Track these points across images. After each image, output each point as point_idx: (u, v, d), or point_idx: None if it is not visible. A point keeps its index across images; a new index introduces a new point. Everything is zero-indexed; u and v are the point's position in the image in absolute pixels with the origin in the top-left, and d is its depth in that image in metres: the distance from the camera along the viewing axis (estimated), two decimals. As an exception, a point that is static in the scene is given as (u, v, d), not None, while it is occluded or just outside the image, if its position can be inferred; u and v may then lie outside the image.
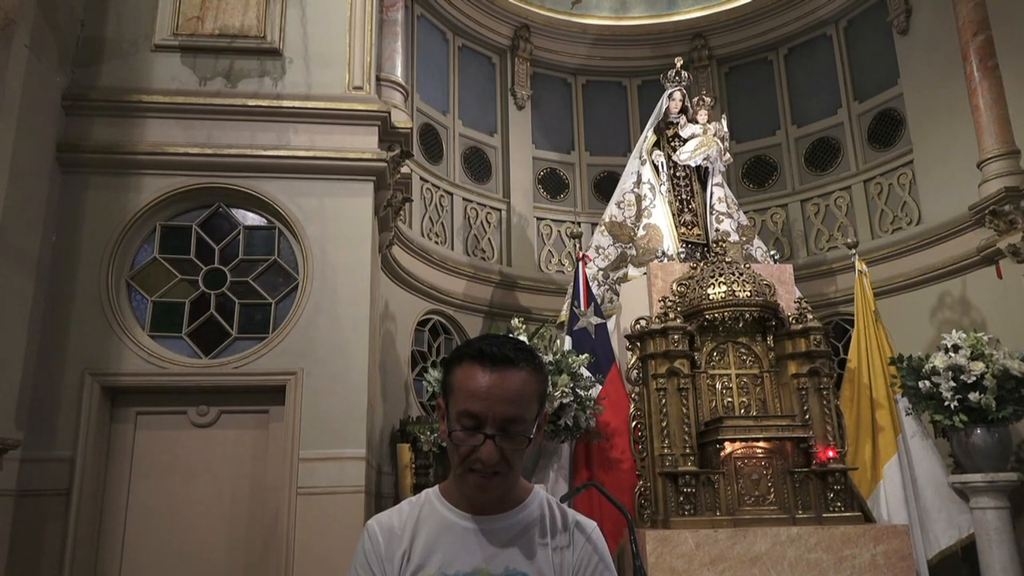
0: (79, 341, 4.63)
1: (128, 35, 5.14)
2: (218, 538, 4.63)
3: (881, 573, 4.87)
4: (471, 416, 1.39)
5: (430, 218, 7.76)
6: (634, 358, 5.71)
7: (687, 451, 5.29)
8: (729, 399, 5.54)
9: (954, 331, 5.72)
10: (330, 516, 4.49)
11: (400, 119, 5.55)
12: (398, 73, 6.17)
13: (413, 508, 1.53)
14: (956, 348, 5.53)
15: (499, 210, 8.51)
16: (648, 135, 7.06)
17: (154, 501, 4.63)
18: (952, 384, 5.40)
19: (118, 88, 5.01)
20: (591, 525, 1.55)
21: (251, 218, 5.08)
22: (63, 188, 4.83)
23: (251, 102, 5.09)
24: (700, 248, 6.59)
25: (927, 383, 5.52)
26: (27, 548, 4.29)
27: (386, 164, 5.24)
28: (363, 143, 5.19)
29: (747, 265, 5.93)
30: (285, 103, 5.12)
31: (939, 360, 5.51)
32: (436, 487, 1.57)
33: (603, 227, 6.97)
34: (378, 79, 5.74)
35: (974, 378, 5.35)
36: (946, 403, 5.42)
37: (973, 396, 5.33)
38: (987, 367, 5.36)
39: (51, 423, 4.48)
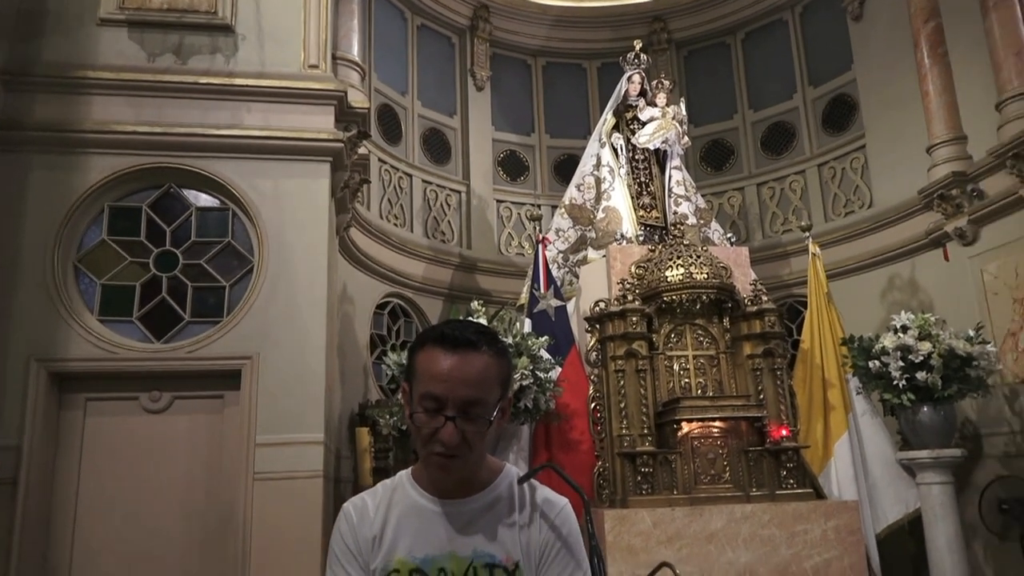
0: (24, 326, 4.49)
1: (72, 8, 4.95)
2: (173, 525, 4.55)
3: (831, 547, 5.01)
4: (432, 398, 1.40)
5: (389, 200, 7.67)
6: (593, 340, 5.75)
7: (645, 432, 5.35)
8: (686, 380, 5.62)
9: (903, 312, 5.87)
10: (288, 501, 4.45)
11: (357, 99, 5.46)
12: (355, 52, 6.06)
13: (386, 491, 1.54)
14: (904, 329, 5.67)
15: (459, 192, 8.45)
16: (607, 118, 7.07)
17: (106, 489, 4.53)
18: (900, 364, 5.54)
19: (62, 64, 4.83)
20: (561, 502, 1.56)
21: (203, 199, 4.96)
22: (4, 168, 4.64)
23: (202, 80, 4.95)
24: (658, 231, 6.64)
25: (877, 363, 5.66)
26: (-29, 539, 4.17)
27: (343, 145, 5.15)
28: (319, 123, 5.09)
29: (704, 248, 6.00)
30: (238, 81, 4.99)
31: (888, 341, 5.64)
32: (409, 470, 1.58)
33: (563, 210, 6.98)
34: (334, 57, 5.63)
35: (921, 358, 5.49)
36: (895, 382, 5.56)
37: (920, 375, 5.47)
38: (934, 347, 5.50)
39: (-5, 411, 4.34)
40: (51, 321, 4.53)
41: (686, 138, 6.99)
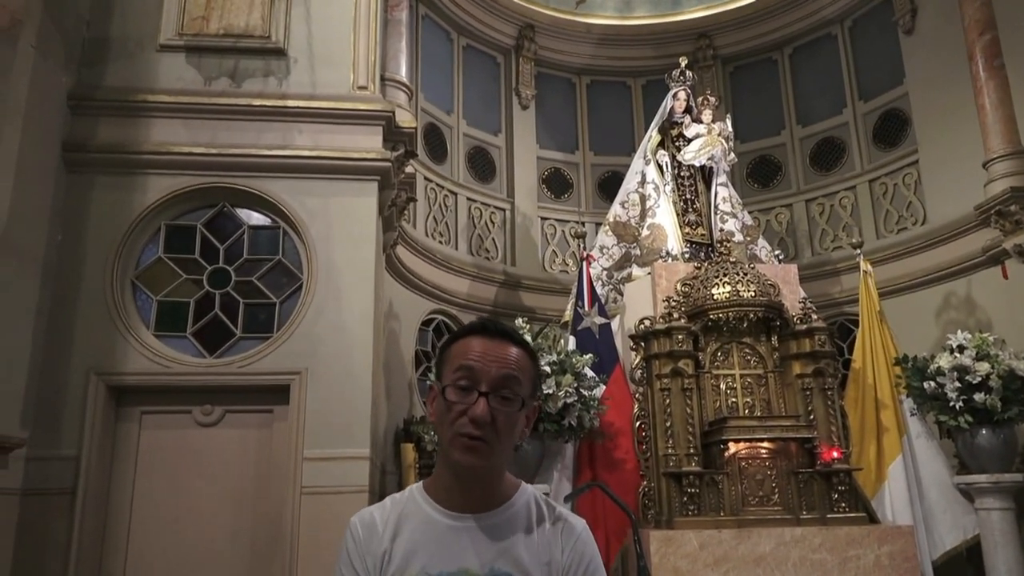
0: (84, 340, 4.64)
1: (133, 35, 5.15)
2: (222, 537, 4.63)
3: (885, 574, 4.86)
4: (467, 370, 1.40)
5: (434, 218, 7.76)
6: (638, 358, 5.71)
7: (691, 451, 5.28)
8: (733, 399, 5.54)
9: (959, 331, 5.70)
10: (334, 515, 4.48)
11: (404, 119, 5.55)
12: (403, 73, 6.17)
13: (396, 504, 1.50)
14: (961, 348, 5.51)
15: (503, 210, 8.51)
16: (652, 135, 7.05)
17: (159, 500, 4.63)
18: (957, 385, 5.38)
19: (123, 88, 5.02)
20: (580, 523, 1.52)
21: (255, 218, 5.09)
22: (68, 188, 4.83)
23: (256, 102, 5.09)
24: (704, 248, 6.58)
25: (932, 383, 5.51)
26: (32, 547, 4.30)
27: (390, 164, 5.24)
28: (367, 143, 5.19)
29: (751, 265, 5.92)
30: (290, 103, 5.12)
31: (944, 360, 5.49)
32: (420, 483, 1.53)
33: (607, 227, 6.97)
34: (382, 79, 5.74)
35: (979, 378, 5.33)
36: (951, 404, 5.40)
37: (978, 397, 5.31)
38: (992, 368, 5.34)
39: (56, 422, 4.49)
40: (109, 336, 4.68)
41: (732, 154, 6.94)
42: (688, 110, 7.04)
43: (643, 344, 5.65)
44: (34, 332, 4.50)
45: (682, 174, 6.85)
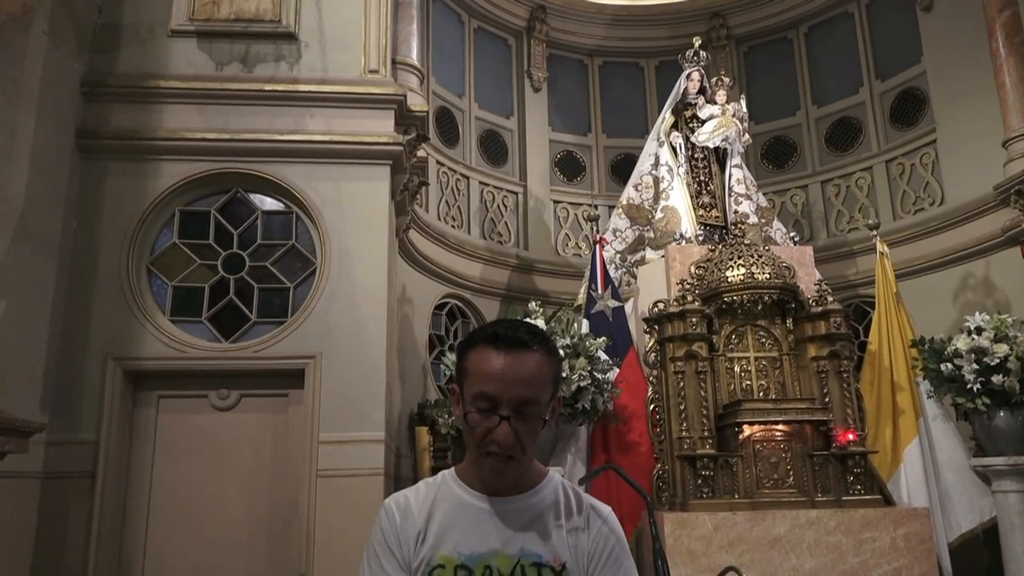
0: (101, 326, 4.68)
1: (145, 21, 5.14)
2: (240, 519, 4.68)
3: (901, 556, 4.85)
4: (486, 398, 1.40)
5: (447, 202, 7.75)
6: (652, 341, 5.70)
7: (705, 434, 5.27)
8: (748, 382, 5.52)
9: (977, 313, 5.64)
10: (350, 498, 4.53)
11: (416, 102, 5.53)
12: (414, 56, 6.14)
13: (430, 489, 1.55)
14: (979, 330, 5.45)
15: (516, 193, 8.48)
16: (666, 116, 6.99)
17: (177, 483, 4.69)
18: (975, 367, 5.33)
19: (136, 74, 5.02)
20: (607, 509, 1.56)
21: (269, 203, 5.10)
22: (83, 174, 4.86)
23: (267, 87, 5.08)
24: (719, 230, 6.54)
25: (949, 366, 5.46)
26: (53, 530, 4.37)
27: (402, 148, 5.22)
28: (379, 127, 5.17)
29: (766, 247, 5.88)
30: (301, 87, 5.11)
31: (962, 342, 5.44)
32: (452, 469, 1.58)
33: (620, 210, 6.93)
34: (394, 62, 5.72)
35: (997, 360, 5.27)
36: (968, 386, 5.35)
37: (996, 379, 5.26)
38: (1011, 349, 5.28)
39: (75, 407, 4.54)
40: (126, 321, 4.72)
41: (747, 135, 6.88)
42: (702, 91, 6.97)
43: (657, 327, 5.64)
44: (51, 318, 4.54)
45: (696, 156, 6.80)
